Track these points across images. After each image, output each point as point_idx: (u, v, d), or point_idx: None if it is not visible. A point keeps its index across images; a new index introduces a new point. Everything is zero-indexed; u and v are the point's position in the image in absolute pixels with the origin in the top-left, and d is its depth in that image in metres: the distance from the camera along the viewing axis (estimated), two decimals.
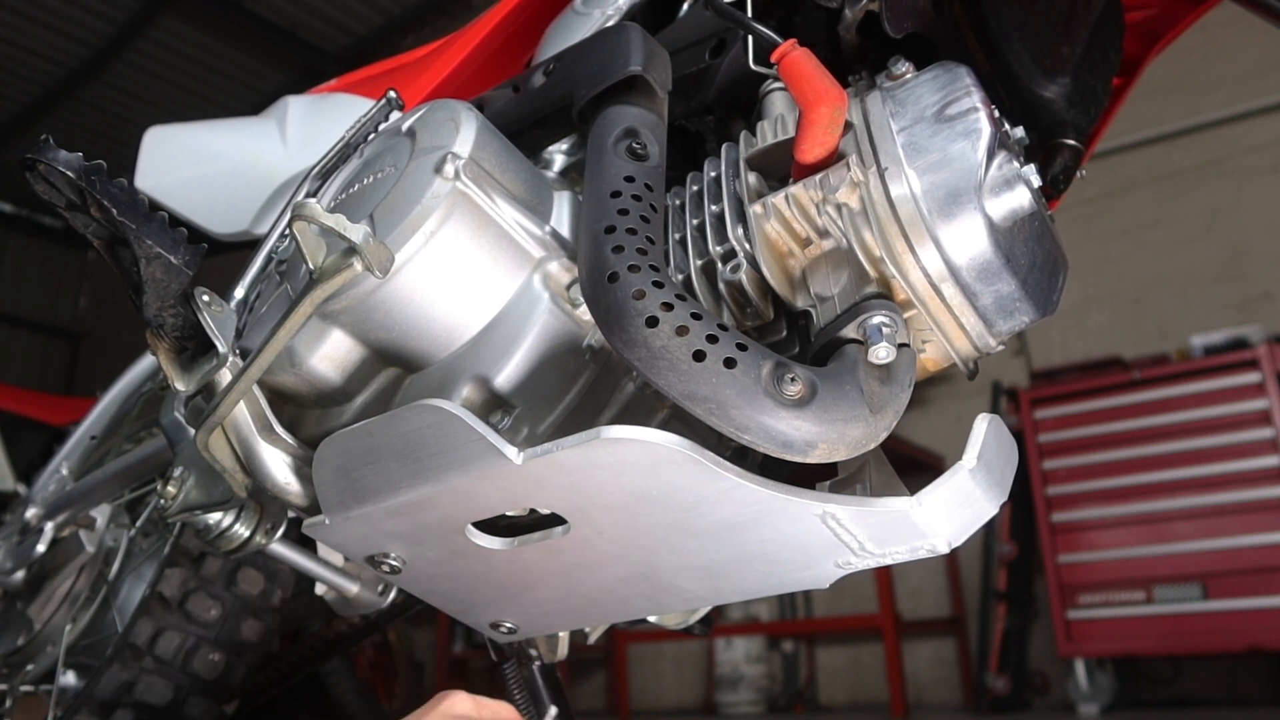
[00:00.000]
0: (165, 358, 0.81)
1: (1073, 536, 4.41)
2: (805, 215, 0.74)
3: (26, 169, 0.70)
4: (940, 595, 5.50)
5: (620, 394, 0.86)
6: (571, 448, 0.67)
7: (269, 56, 7.87)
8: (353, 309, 0.81)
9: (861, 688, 5.63)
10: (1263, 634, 3.90)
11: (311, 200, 0.71)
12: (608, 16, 1.14)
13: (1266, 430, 4.04)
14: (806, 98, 0.71)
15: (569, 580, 0.82)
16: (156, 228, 0.71)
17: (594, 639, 1.16)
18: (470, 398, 0.79)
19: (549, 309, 0.81)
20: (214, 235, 1.55)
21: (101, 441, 1.82)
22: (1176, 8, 1.20)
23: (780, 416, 0.63)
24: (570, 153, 1.10)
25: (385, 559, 0.84)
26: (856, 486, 0.74)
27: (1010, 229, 0.71)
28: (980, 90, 0.73)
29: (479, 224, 0.81)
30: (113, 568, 1.56)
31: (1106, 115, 1.18)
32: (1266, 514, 3.99)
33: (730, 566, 0.76)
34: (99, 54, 7.70)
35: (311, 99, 1.61)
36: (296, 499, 0.87)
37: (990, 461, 0.66)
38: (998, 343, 0.74)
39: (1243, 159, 5.18)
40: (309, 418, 0.91)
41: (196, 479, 1.02)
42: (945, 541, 0.67)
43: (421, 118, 0.90)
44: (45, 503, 1.75)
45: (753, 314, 0.82)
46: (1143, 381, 4.36)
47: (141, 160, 1.58)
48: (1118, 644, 4.24)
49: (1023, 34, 0.99)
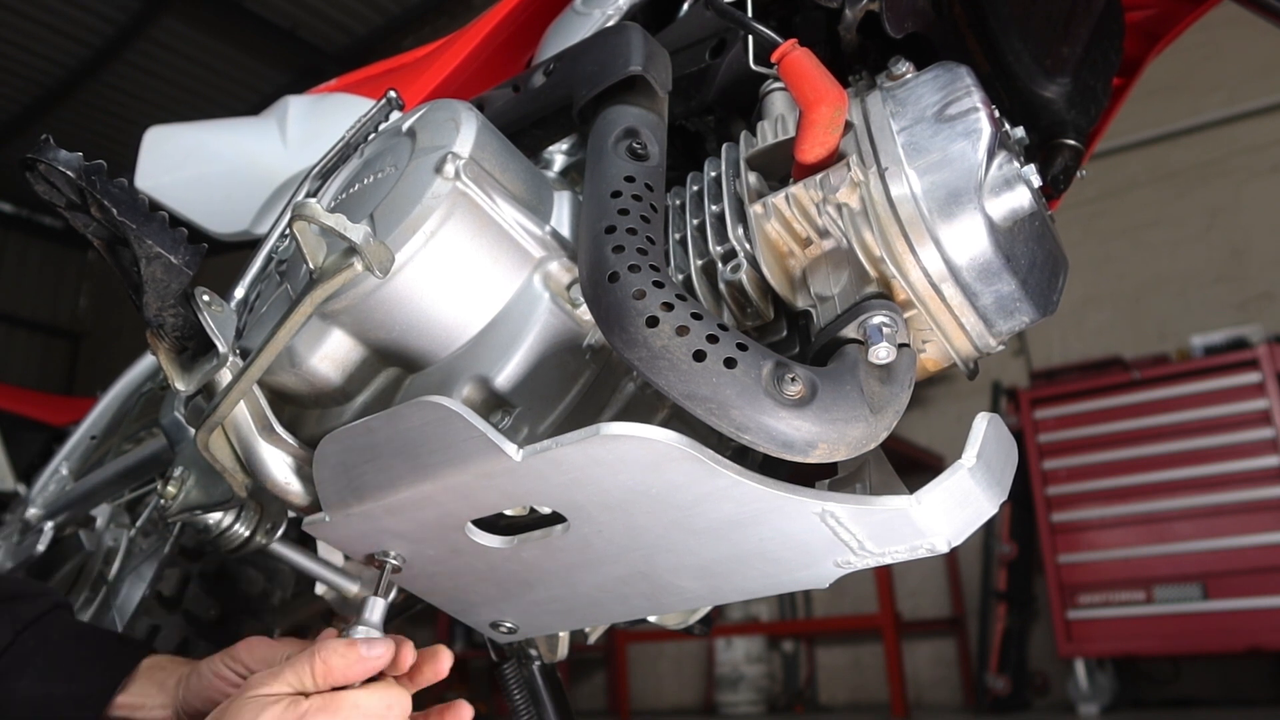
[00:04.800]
0: (165, 358, 0.81)
1: (1073, 536, 4.42)
2: (805, 215, 0.74)
3: (27, 169, 0.70)
4: (940, 595, 5.50)
5: (620, 394, 0.86)
6: (571, 445, 0.67)
7: (269, 56, 7.87)
8: (353, 309, 0.81)
9: (861, 688, 5.63)
10: (1263, 634, 3.91)
11: (312, 200, 0.71)
12: (608, 16, 1.14)
13: (1266, 430, 4.04)
14: (807, 98, 0.71)
15: (569, 579, 0.82)
16: (157, 227, 0.71)
17: (594, 639, 1.16)
18: (470, 397, 0.79)
19: (549, 309, 0.81)
20: (214, 235, 1.55)
21: (101, 441, 1.82)
22: (1176, 8, 1.20)
23: (780, 416, 0.63)
24: (570, 153, 1.10)
25: (386, 557, 0.84)
26: (856, 486, 0.74)
27: (1010, 229, 0.71)
28: (980, 90, 0.73)
29: (479, 224, 0.81)
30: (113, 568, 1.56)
31: (1106, 115, 1.18)
32: (1266, 514, 3.99)
33: (730, 565, 0.76)
34: (99, 54, 7.71)
35: (311, 99, 1.61)
36: (297, 499, 0.87)
37: (990, 461, 0.66)
38: (998, 343, 0.75)
39: (1243, 159, 5.18)
40: (309, 418, 0.91)
41: (197, 479, 1.02)
42: (945, 540, 0.67)
43: (422, 118, 0.90)
44: (45, 503, 1.74)
45: (753, 314, 0.82)
46: (1143, 381, 4.36)
47: (141, 160, 1.58)
48: (1118, 644, 4.24)
49: (1023, 34, 0.99)
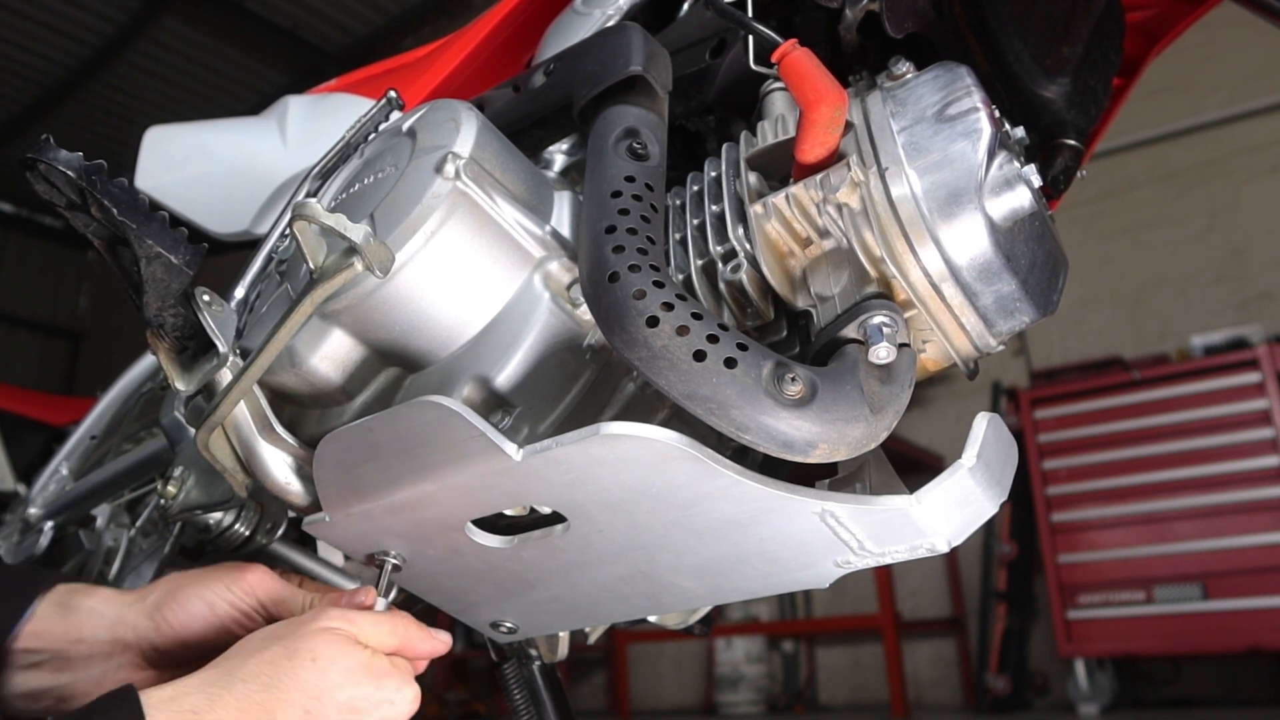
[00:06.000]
0: (165, 358, 0.81)
1: (1073, 536, 4.42)
2: (806, 215, 0.74)
3: (27, 169, 0.70)
4: (940, 595, 5.50)
5: (621, 394, 0.86)
6: (571, 444, 0.67)
7: (269, 56, 7.87)
8: (353, 309, 0.81)
9: (861, 688, 5.63)
10: (1263, 634, 3.91)
11: (312, 200, 0.71)
12: (608, 16, 1.14)
13: (1266, 430, 4.04)
14: (807, 97, 0.71)
15: (569, 579, 0.82)
16: (157, 227, 0.71)
17: (594, 639, 1.16)
18: (471, 397, 0.79)
19: (549, 309, 0.81)
20: (214, 235, 1.55)
21: (101, 441, 1.82)
22: (1176, 8, 1.20)
23: (781, 416, 0.63)
24: (570, 153, 1.10)
25: (386, 557, 0.84)
26: (856, 485, 0.74)
27: (1011, 229, 0.71)
28: (981, 90, 0.73)
29: (479, 224, 0.81)
30: (113, 568, 1.56)
31: (1106, 115, 1.18)
32: (1266, 514, 4.00)
33: (730, 565, 0.76)
34: (99, 54, 7.71)
35: (311, 99, 1.61)
36: (297, 499, 0.87)
37: (990, 461, 0.66)
38: (998, 343, 0.75)
39: (1243, 159, 5.18)
40: (309, 418, 0.91)
41: (197, 479, 1.02)
42: (945, 540, 0.67)
43: (422, 117, 0.90)
44: (45, 502, 1.74)
45: (753, 314, 0.82)
46: (1143, 381, 4.36)
47: (141, 160, 1.57)
48: (1118, 644, 4.24)
49: (1023, 34, 0.99)
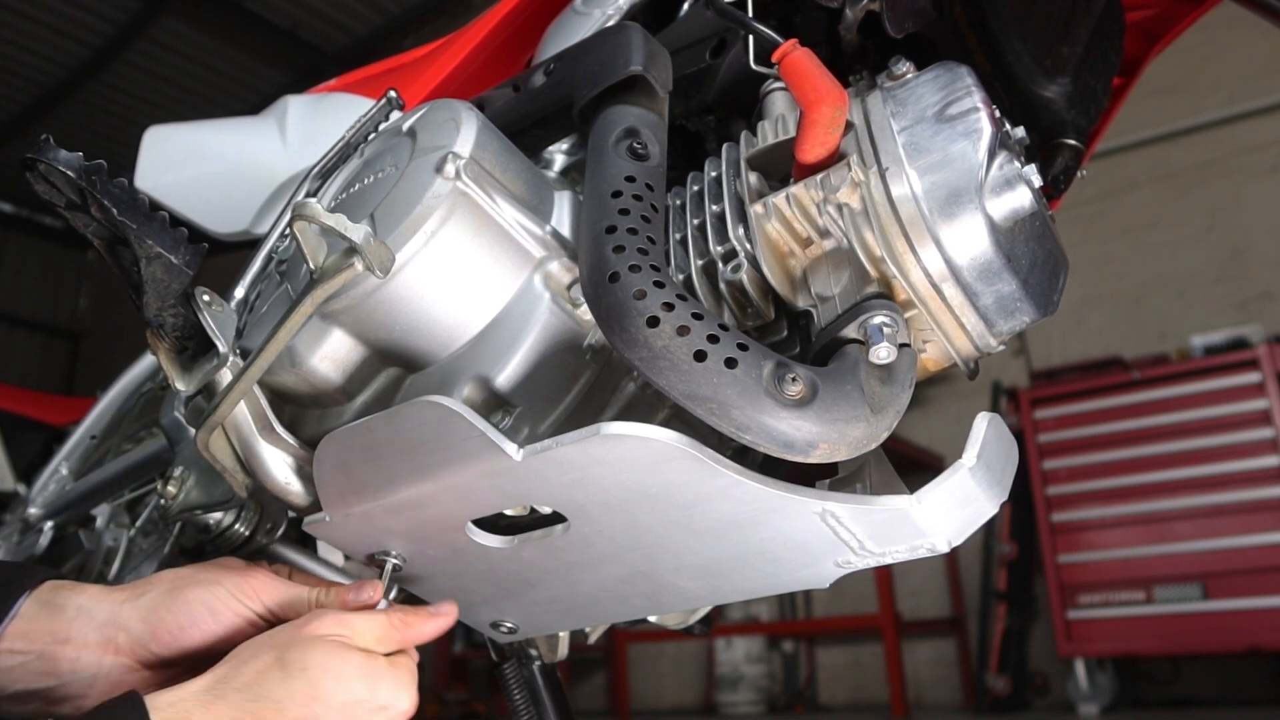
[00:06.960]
0: (165, 358, 0.80)
1: (1073, 536, 4.42)
2: (806, 215, 0.74)
3: (26, 169, 0.70)
4: (940, 595, 5.50)
5: (621, 394, 0.86)
6: (571, 444, 0.67)
7: (269, 56, 7.87)
8: (353, 309, 0.81)
9: (861, 688, 5.63)
10: (1263, 634, 3.91)
11: (312, 200, 0.71)
12: (608, 16, 1.14)
13: (1266, 430, 4.04)
14: (807, 97, 0.71)
15: (569, 579, 0.82)
16: (157, 227, 0.71)
17: (594, 639, 1.16)
18: (471, 397, 0.79)
19: (550, 309, 0.81)
20: (214, 235, 1.55)
21: (101, 441, 1.82)
22: (1176, 8, 1.20)
23: (781, 416, 0.63)
24: (570, 153, 1.10)
25: (386, 557, 0.84)
26: (856, 486, 0.74)
27: (1011, 229, 0.71)
28: (981, 90, 0.73)
29: (480, 224, 0.81)
30: (113, 567, 1.56)
31: (1106, 115, 1.18)
32: (1266, 514, 3.99)
33: (730, 565, 0.76)
34: (99, 54, 7.71)
35: (311, 99, 1.61)
36: (297, 499, 0.87)
37: (990, 461, 0.66)
38: (998, 342, 0.74)
39: (1243, 159, 5.18)
40: (309, 418, 0.90)
41: (197, 479, 1.02)
42: (945, 540, 0.67)
43: (422, 117, 0.90)
44: (45, 502, 1.74)
45: (753, 314, 0.82)
46: (1143, 381, 4.36)
47: (141, 160, 1.57)
48: (1118, 644, 4.24)
49: (1023, 34, 0.99)
